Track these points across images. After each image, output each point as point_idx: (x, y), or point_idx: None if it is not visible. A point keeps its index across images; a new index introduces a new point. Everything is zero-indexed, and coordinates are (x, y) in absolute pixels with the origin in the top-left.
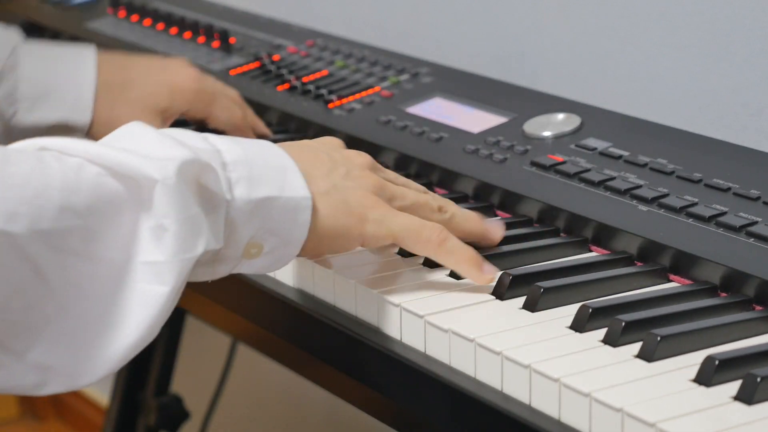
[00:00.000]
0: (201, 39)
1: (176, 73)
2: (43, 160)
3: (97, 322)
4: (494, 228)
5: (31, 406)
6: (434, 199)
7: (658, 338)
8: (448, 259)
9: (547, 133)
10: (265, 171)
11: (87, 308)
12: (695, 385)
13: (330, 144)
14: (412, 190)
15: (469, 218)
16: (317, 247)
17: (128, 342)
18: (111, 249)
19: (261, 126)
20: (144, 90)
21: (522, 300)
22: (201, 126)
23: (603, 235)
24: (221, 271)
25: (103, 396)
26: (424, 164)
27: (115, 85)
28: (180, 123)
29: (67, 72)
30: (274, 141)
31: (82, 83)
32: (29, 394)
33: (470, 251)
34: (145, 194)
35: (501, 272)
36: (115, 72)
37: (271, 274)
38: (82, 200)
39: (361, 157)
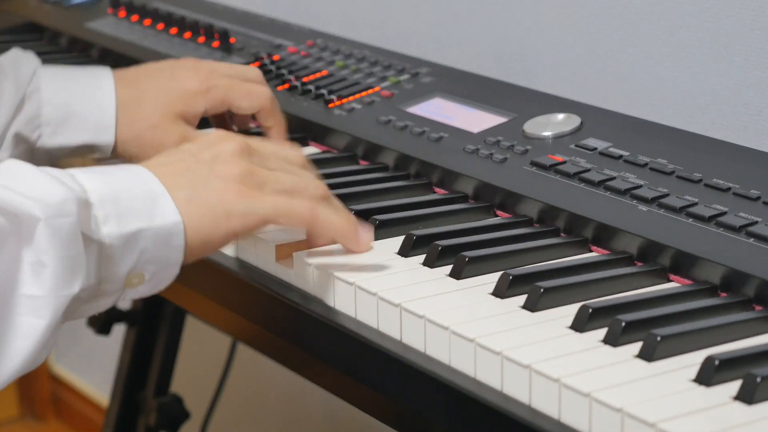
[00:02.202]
0: (201, 39)
1: (185, 79)
2: None
3: None
4: (363, 241)
5: (31, 406)
6: (318, 185)
7: (658, 338)
8: (324, 231)
9: (547, 133)
10: (133, 204)
11: None
12: (695, 385)
13: (206, 142)
14: (288, 175)
15: (336, 223)
16: (193, 256)
17: (7, 372)
18: None
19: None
20: (157, 102)
21: (522, 300)
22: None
23: (603, 235)
24: (105, 305)
25: (103, 396)
26: (424, 164)
27: (130, 101)
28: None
29: (88, 95)
30: None
31: (103, 105)
32: None
33: (341, 222)
34: (26, 230)
35: (374, 235)
36: (129, 89)
37: (272, 275)
38: None
39: (231, 145)
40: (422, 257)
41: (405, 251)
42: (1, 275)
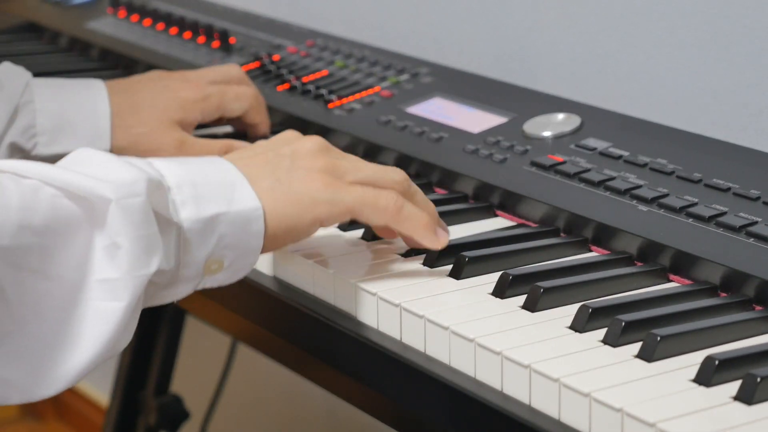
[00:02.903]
0: (201, 39)
1: (180, 89)
2: (0, 182)
3: (54, 339)
4: (441, 238)
5: (31, 406)
6: (398, 172)
7: (658, 338)
8: (405, 226)
9: (547, 133)
10: (211, 188)
11: (44, 324)
12: (695, 385)
13: (282, 139)
14: (369, 166)
15: (429, 204)
16: (276, 244)
17: (85, 358)
18: (66, 267)
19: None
20: (154, 108)
21: (522, 300)
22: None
23: (603, 235)
24: (183, 291)
25: (103, 396)
26: (424, 164)
27: (126, 109)
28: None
29: (83, 104)
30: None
31: (98, 113)
32: None
33: (426, 216)
34: (99, 214)
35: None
36: (124, 97)
37: (273, 274)
38: (39, 220)
39: (310, 142)
40: (422, 257)
41: (405, 251)
42: (75, 262)
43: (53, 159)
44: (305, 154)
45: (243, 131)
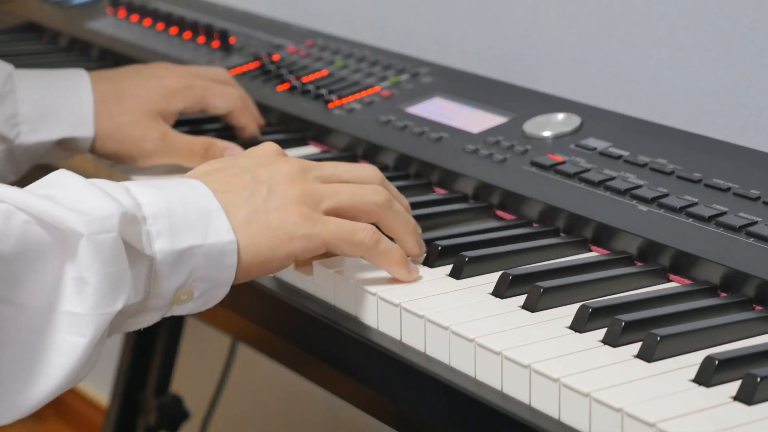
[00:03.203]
0: (201, 39)
1: (165, 77)
2: None
3: (18, 367)
4: (412, 273)
5: None
6: (377, 191)
7: (658, 338)
8: (380, 260)
9: (547, 133)
10: (188, 219)
11: (8, 352)
12: (695, 385)
13: (260, 159)
14: (346, 186)
15: (409, 220)
16: (249, 276)
17: (46, 389)
18: (34, 296)
19: (255, 110)
20: (139, 97)
21: (522, 300)
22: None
23: (603, 235)
24: (151, 320)
25: (103, 396)
26: (424, 164)
27: (111, 97)
28: (180, 121)
29: (65, 91)
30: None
31: (81, 100)
32: None
33: (399, 251)
34: (70, 245)
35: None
36: (109, 85)
37: (271, 275)
38: (9, 247)
39: (288, 165)
40: (422, 259)
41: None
42: (43, 290)
43: (37, 146)
44: (282, 179)
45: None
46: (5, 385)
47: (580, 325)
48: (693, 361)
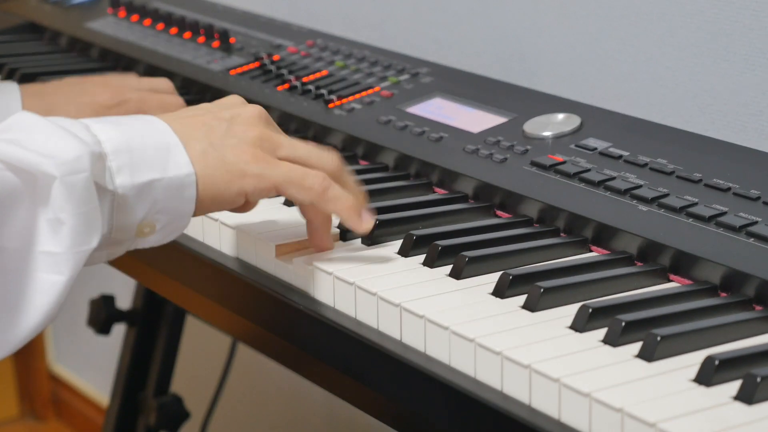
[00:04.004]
0: (201, 39)
1: (96, 93)
2: None
3: (1, 307)
4: (367, 218)
5: (31, 406)
6: (333, 158)
7: (658, 338)
8: (330, 206)
9: (547, 133)
10: (147, 154)
11: None
12: (695, 385)
13: (224, 104)
14: (305, 144)
15: (359, 191)
16: (202, 210)
17: (28, 327)
18: (10, 239)
19: None
20: (67, 113)
21: (522, 300)
22: None
23: (603, 235)
24: (116, 253)
25: (103, 396)
26: (424, 164)
27: (39, 112)
28: None
29: None
30: None
31: (10, 115)
32: None
33: (351, 199)
34: (42, 188)
35: (376, 221)
36: (37, 100)
37: (272, 275)
38: None
39: (251, 110)
40: (422, 257)
41: (405, 251)
42: (18, 233)
43: None
44: (243, 120)
45: None
46: None
47: (580, 325)
48: (693, 361)
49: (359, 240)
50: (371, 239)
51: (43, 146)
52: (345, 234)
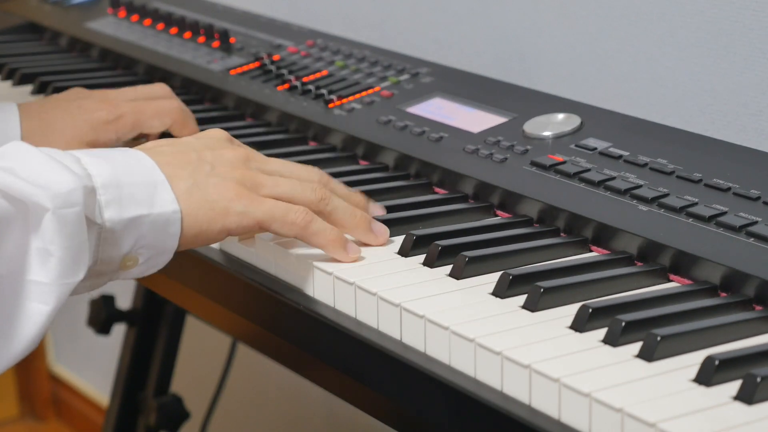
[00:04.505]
0: (201, 39)
1: (92, 109)
2: None
3: None
4: (378, 231)
5: (31, 406)
6: (315, 189)
7: (658, 338)
8: (313, 241)
9: (547, 133)
10: (135, 190)
11: None
12: (695, 385)
13: (208, 139)
14: (287, 179)
15: (354, 215)
16: (186, 245)
17: (12, 354)
18: (2, 264)
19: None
20: (64, 132)
21: (522, 300)
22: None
23: (603, 235)
24: (98, 284)
25: (103, 396)
26: (424, 164)
27: (37, 132)
28: None
29: None
30: (274, 141)
31: (9, 137)
32: None
33: (334, 232)
34: (34, 217)
35: (359, 252)
36: (36, 120)
37: (272, 275)
38: None
39: (233, 152)
40: (422, 257)
41: (405, 251)
42: (9, 259)
43: None
44: (226, 161)
45: None
46: None
47: (580, 325)
48: (693, 361)
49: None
50: None
51: (37, 177)
52: None
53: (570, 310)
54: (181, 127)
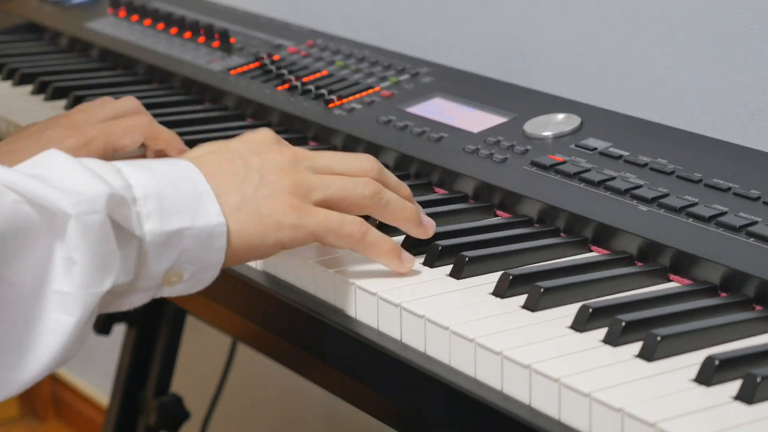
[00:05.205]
0: (201, 39)
1: (62, 138)
2: None
3: (9, 345)
4: (427, 224)
5: (31, 406)
6: (368, 184)
7: (658, 338)
8: (370, 252)
9: (547, 133)
10: (178, 201)
11: (1, 329)
12: (695, 385)
13: (254, 144)
14: (338, 178)
15: (405, 208)
16: (237, 260)
17: (37, 367)
18: (24, 274)
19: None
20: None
21: (522, 300)
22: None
23: (603, 235)
24: (140, 300)
25: (103, 396)
26: (424, 164)
27: (7, 163)
28: None
29: None
30: None
31: None
32: None
33: (390, 243)
34: (59, 225)
35: (419, 259)
36: (4, 150)
37: (272, 275)
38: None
39: (280, 155)
40: (422, 257)
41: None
42: (33, 269)
43: None
44: (274, 169)
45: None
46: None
47: (580, 325)
48: (693, 360)
49: None
50: None
51: (63, 183)
52: None
53: (570, 310)
54: (154, 141)
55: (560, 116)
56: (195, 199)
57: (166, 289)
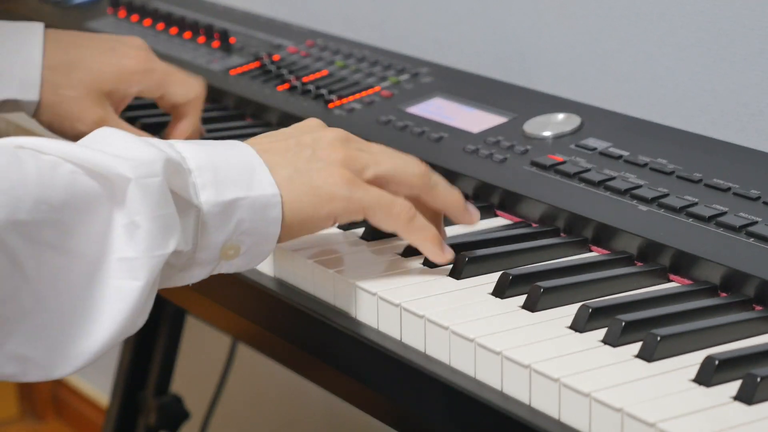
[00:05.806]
0: (201, 39)
1: (124, 55)
2: (19, 157)
3: (73, 316)
4: (473, 211)
5: (31, 405)
6: (418, 164)
7: (658, 338)
8: (415, 236)
9: (547, 133)
10: (231, 173)
11: (63, 302)
12: (695, 385)
13: (305, 127)
14: (389, 156)
15: (452, 192)
16: (291, 234)
17: (104, 336)
18: (85, 244)
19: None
20: (89, 72)
21: (522, 300)
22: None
23: (603, 235)
24: (200, 274)
25: (103, 396)
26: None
27: (61, 65)
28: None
29: (15, 49)
30: None
31: (30, 61)
32: (8, 380)
33: (433, 231)
34: (119, 192)
35: (459, 255)
36: (62, 52)
37: (273, 274)
38: (57, 195)
39: (332, 133)
40: (422, 257)
41: (405, 251)
42: (95, 239)
43: None
44: (326, 144)
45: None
46: (62, 334)
47: (580, 325)
48: (693, 361)
49: (359, 238)
50: (373, 236)
51: (117, 150)
52: (346, 226)
53: (570, 310)
54: (194, 107)
55: (560, 116)
56: (248, 171)
57: (224, 264)
